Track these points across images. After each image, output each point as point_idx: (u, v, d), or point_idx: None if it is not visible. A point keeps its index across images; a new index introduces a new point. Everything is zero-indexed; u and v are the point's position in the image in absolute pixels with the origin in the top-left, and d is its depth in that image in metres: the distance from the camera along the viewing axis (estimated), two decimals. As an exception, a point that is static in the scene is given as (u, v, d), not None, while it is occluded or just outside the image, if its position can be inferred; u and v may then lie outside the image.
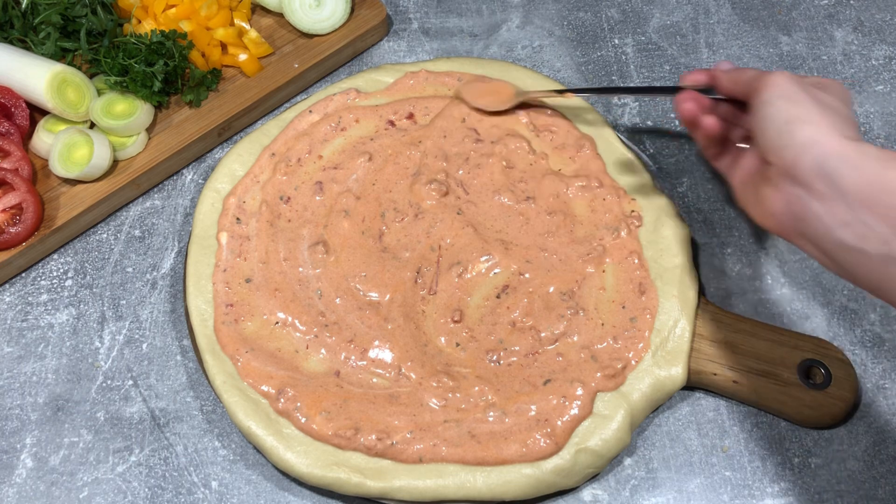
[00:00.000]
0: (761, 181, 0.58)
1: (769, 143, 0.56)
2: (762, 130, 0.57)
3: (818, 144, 0.52)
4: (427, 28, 0.94)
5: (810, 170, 0.52)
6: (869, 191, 0.49)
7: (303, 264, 0.74)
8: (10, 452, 0.70)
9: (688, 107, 0.66)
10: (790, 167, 0.53)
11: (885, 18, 0.93)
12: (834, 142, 0.52)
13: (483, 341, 0.71)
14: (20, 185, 0.76)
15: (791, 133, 0.54)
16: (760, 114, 0.57)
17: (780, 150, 0.54)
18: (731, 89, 0.64)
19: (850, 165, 0.50)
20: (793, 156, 0.53)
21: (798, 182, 0.53)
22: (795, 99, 0.55)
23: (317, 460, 0.66)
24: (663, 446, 0.70)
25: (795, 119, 0.54)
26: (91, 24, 0.84)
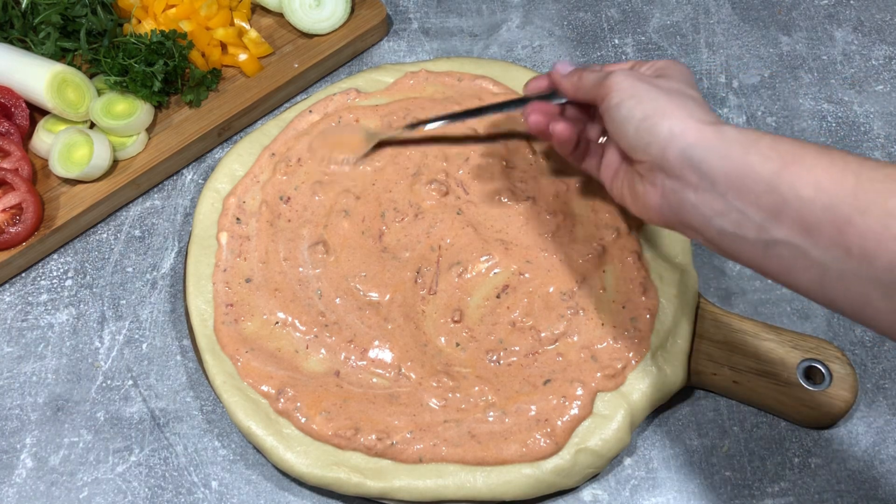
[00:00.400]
0: (633, 176, 0.58)
1: (631, 143, 0.56)
2: (620, 133, 0.56)
3: (680, 135, 0.52)
4: (427, 28, 0.94)
5: (678, 162, 0.52)
6: (736, 178, 0.49)
7: (303, 264, 0.74)
8: (10, 452, 0.70)
9: (533, 119, 0.66)
10: (658, 162, 0.54)
11: (885, 18, 0.93)
12: (694, 130, 0.52)
13: (483, 341, 0.71)
14: (20, 185, 0.76)
15: (650, 130, 0.54)
16: (613, 117, 0.57)
17: (643, 148, 0.54)
18: (574, 94, 0.63)
19: (715, 153, 0.50)
20: (658, 151, 0.53)
21: (670, 175, 0.53)
22: (642, 95, 0.55)
23: (317, 460, 0.66)
24: (663, 446, 0.70)
25: (650, 115, 0.54)
26: (91, 24, 0.84)
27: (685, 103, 0.54)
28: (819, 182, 0.46)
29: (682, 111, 0.53)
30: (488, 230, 0.75)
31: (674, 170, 0.53)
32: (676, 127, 0.52)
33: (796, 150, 0.48)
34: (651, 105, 0.54)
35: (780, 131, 0.85)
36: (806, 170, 0.47)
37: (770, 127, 0.86)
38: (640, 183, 0.57)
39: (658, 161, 0.54)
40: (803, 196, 0.46)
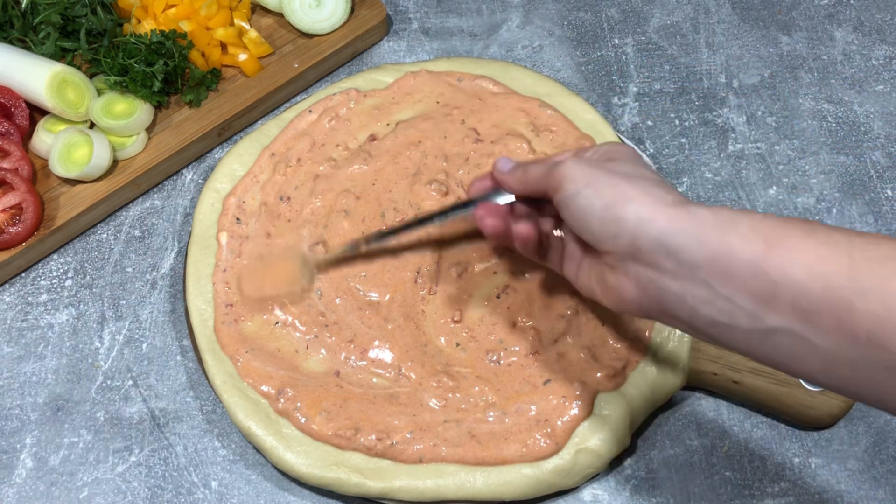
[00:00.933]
0: (601, 268, 0.54)
1: (596, 235, 0.51)
2: (582, 226, 0.52)
3: (649, 222, 0.48)
4: (427, 28, 0.94)
5: (652, 250, 0.48)
6: (718, 263, 0.45)
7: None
8: (10, 452, 0.70)
9: (490, 223, 0.61)
10: (629, 252, 0.49)
11: (885, 18, 0.93)
12: (663, 213, 0.48)
13: (483, 341, 0.71)
14: (20, 185, 0.76)
15: (615, 219, 0.49)
16: (571, 210, 0.52)
17: (611, 239, 0.50)
18: (523, 190, 0.59)
19: (691, 237, 0.47)
20: (628, 240, 0.49)
21: (644, 263, 0.49)
22: (598, 182, 0.51)
23: (317, 460, 0.66)
24: (663, 446, 0.70)
25: (611, 203, 0.50)
26: (91, 24, 0.84)
27: (646, 185, 0.50)
28: (810, 265, 0.42)
29: (645, 194, 0.49)
30: None
31: (647, 258, 0.48)
32: (643, 212, 0.48)
33: (778, 229, 0.45)
34: (610, 192, 0.50)
35: (781, 131, 0.85)
36: (793, 252, 0.43)
37: (770, 127, 0.86)
38: (612, 274, 0.52)
39: (628, 251, 0.49)
40: (796, 280, 0.42)
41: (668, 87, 0.88)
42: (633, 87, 0.89)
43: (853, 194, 0.82)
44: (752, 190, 0.82)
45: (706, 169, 0.83)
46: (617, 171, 0.52)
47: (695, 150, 0.85)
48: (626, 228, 0.49)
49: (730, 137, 0.85)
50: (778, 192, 0.82)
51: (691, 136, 0.85)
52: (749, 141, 0.85)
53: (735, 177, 0.83)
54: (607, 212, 0.50)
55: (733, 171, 0.83)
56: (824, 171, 0.83)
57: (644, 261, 0.49)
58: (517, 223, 0.61)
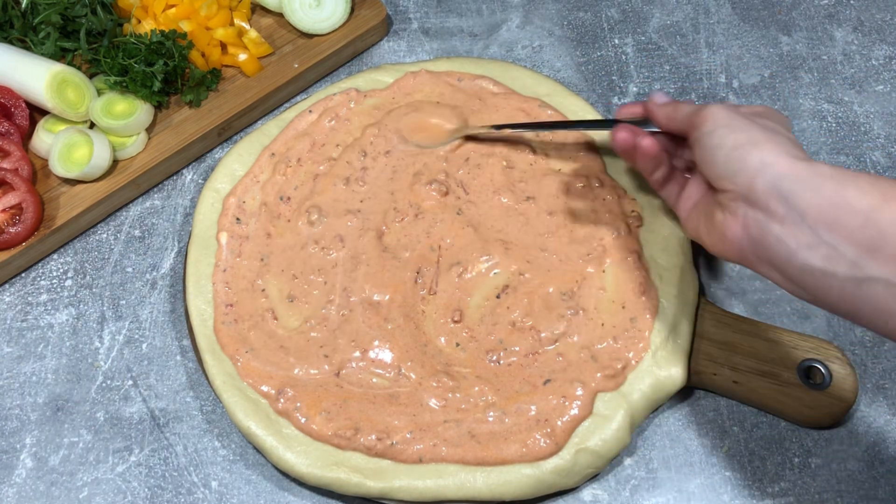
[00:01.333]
0: (713, 207, 0.57)
1: (719, 171, 0.55)
2: (709, 161, 0.55)
3: (771, 166, 0.51)
4: (427, 28, 0.94)
5: (766, 192, 0.51)
6: (830, 211, 0.48)
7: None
8: (10, 452, 0.70)
9: (622, 136, 0.65)
10: (745, 191, 0.52)
11: (885, 18, 0.93)
12: (786, 162, 0.51)
13: (483, 341, 0.71)
14: (20, 185, 0.76)
15: (741, 158, 0.53)
16: (704, 145, 0.56)
17: (731, 176, 0.53)
18: (667, 125, 0.63)
19: (807, 186, 0.49)
20: (746, 180, 0.52)
21: (755, 205, 0.52)
22: (737, 126, 0.55)
23: (317, 460, 0.66)
24: (663, 446, 0.70)
25: (742, 144, 0.53)
26: (91, 24, 0.84)
27: (779, 139, 0.53)
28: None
29: (774, 144, 0.52)
30: (488, 230, 0.75)
31: (760, 201, 0.51)
32: (767, 157, 0.51)
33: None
34: (744, 135, 0.54)
35: (780, 131, 0.85)
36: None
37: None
38: (721, 213, 0.55)
39: (744, 191, 0.52)
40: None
41: (668, 87, 0.88)
42: (633, 87, 0.89)
43: (853, 194, 0.82)
44: (752, 190, 0.82)
45: (706, 169, 0.83)
46: (757, 122, 0.55)
47: (695, 150, 0.85)
48: (747, 168, 0.52)
49: (730, 137, 0.85)
50: (778, 192, 0.82)
51: (691, 136, 0.85)
52: (749, 141, 0.85)
53: (735, 177, 0.83)
54: (734, 151, 0.53)
55: (733, 171, 0.83)
56: (824, 171, 0.83)
57: (756, 202, 0.51)
58: (644, 138, 0.64)
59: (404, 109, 0.81)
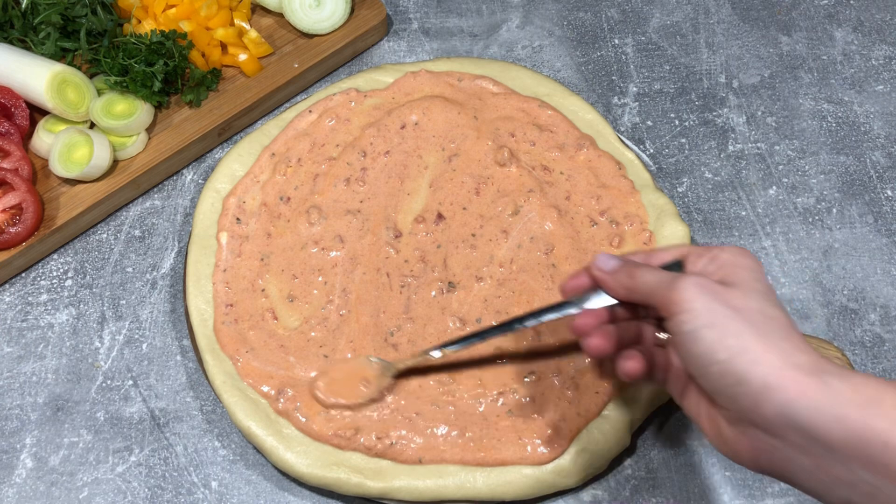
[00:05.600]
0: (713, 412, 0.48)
1: (713, 386, 0.46)
2: (699, 370, 0.46)
3: (777, 390, 0.42)
4: (427, 28, 0.94)
5: (778, 421, 0.43)
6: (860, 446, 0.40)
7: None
8: (10, 452, 0.70)
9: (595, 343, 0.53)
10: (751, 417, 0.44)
11: (885, 18, 0.93)
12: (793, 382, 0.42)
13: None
14: (20, 185, 0.76)
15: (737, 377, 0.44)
16: (687, 348, 0.46)
17: (730, 397, 0.45)
18: (628, 297, 0.52)
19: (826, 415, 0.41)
20: (749, 404, 0.44)
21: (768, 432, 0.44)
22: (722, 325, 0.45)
23: (317, 460, 0.66)
24: (663, 446, 0.70)
25: (734, 355, 0.44)
26: (91, 24, 0.84)
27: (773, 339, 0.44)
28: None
29: (773, 352, 0.44)
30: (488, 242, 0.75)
31: (772, 428, 0.43)
32: (771, 377, 0.43)
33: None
34: (735, 342, 0.44)
35: (781, 131, 0.85)
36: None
37: (770, 127, 0.86)
38: (727, 427, 0.47)
39: (749, 415, 0.44)
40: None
41: (668, 87, 0.88)
42: (633, 87, 0.89)
43: (853, 194, 0.82)
44: (752, 190, 0.82)
45: (706, 169, 0.83)
46: (743, 308, 0.46)
47: (695, 150, 0.85)
48: (749, 391, 0.43)
49: (730, 137, 0.85)
50: (778, 192, 0.82)
51: (691, 136, 0.85)
52: (749, 141, 0.85)
53: (735, 177, 0.83)
54: (728, 365, 0.44)
55: (733, 171, 0.83)
56: (824, 171, 0.83)
57: (767, 429, 0.44)
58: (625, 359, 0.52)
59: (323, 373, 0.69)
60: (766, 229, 0.80)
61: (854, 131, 0.85)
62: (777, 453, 0.44)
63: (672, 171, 0.83)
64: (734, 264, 0.49)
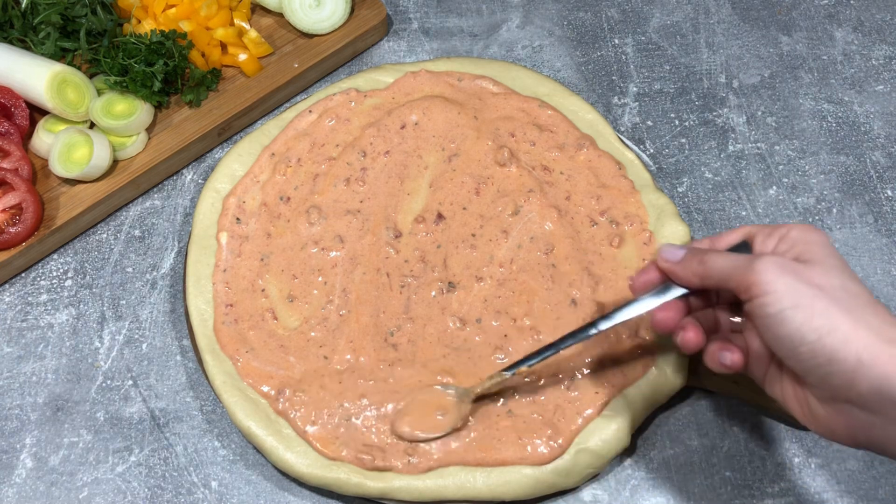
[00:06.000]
0: (805, 393, 0.48)
1: (804, 365, 0.46)
2: (787, 351, 0.46)
3: (871, 366, 0.43)
4: (427, 28, 0.94)
5: (873, 398, 0.43)
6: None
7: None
8: (10, 452, 0.70)
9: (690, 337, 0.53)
10: (846, 394, 0.44)
11: (885, 18, 0.93)
12: (885, 357, 0.42)
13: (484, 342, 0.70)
14: (20, 185, 0.76)
15: (828, 356, 0.44)
16: (772, 330, 0.46)
17: (822, 377, 0.45)
18: (702, 284, 0.52)
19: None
20: (843, 382, 0.44)
21: (863, 408, 0.44)
22: (807, 305, 0.45)
23: (317, 460, 0.66)
24: (663, 446, 0.70)
25: (824, 334, 0.44)
26: (91, 24, 0.84)
27: (860, 313, 0.44)
28: None
29: (862, 328, 0.44)
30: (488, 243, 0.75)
31: (869, 405, 0.44)
32: (865, 354, 0.43)
33: None
34: (823, 322, 0.44)
35: (781, 131, 0.85)
36: None
37: (770, 127, 0.86)
38: (819, 406, 0.47)
39: (843, 394, 0.45)
40: None
41: (668, 87, 0.88)
42: (633, 87, 0.89)
43: (853, 194, 0.82)
44: (752, 190, 0.82)
45: (706, 169, 0.83)
46: (824, 285, 0.46)
47: (695, 150, 0.85)
48: (842, 370, 0.44)
49: (730, 137, 0.85)
50: (778, 192, 0.82)
51: (691, 136, 0.85)
52: (749, 141, 0.85)
53: (735, 177, 0.83)
54: (818, 345, 0.44)
55: (733, 171, 0.83)
56: (824, 171, 0.83)
57: (863, 406, 0.44)
58: (687, 330, 0.53)
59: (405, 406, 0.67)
60: (766, 229, 0.80)
61: (854, 131, 0.85)
62: (875, 429, 0.44)
63: (672, 171, 0.83)
64: (806, 241, 0.49)
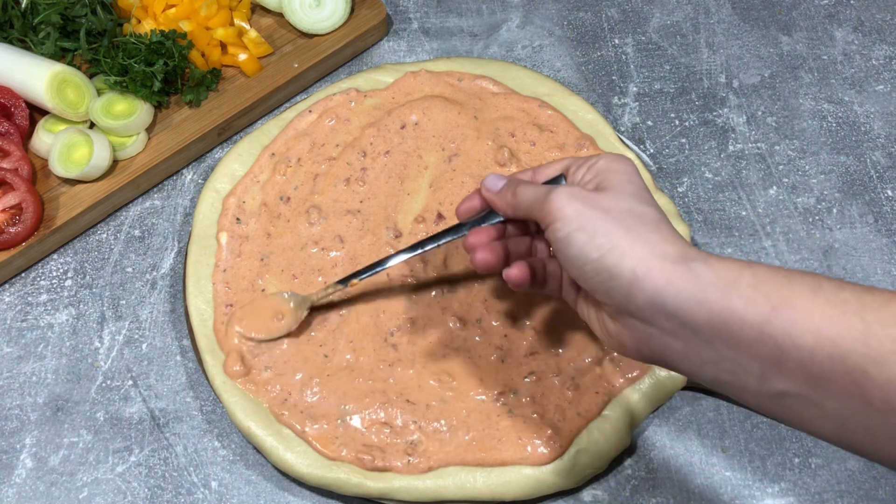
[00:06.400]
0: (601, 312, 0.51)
1: (590, 284, 0.49)
2: (575, 272, 0.49)
3: (644, 279, 0.45)
4: (427, 28, 0.94)
5: (648, 310, 0.46)
6: (721, 326, 0.43)
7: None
8: (9, 452, 0.70)
9: (481, 257, 0.56)
10: (626, 308, 0.47)
11: (885, 18, 0.93)
12: (660, 270, 0.45)
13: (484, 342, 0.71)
14: (20, 185, 0.76)
15: (608, 272, 0.47)
16: (563, 252, 0.49)
17: (605, 292, 0.48)
18: (514, 214, 0.55)
19: (691, 299, 0.44)
20: (622, 296, 0.47)
21: (642, 320, 0.47)
22: (592, 227, 0.48)
23: (317, 460, 0.66)
24: (663, 446, 0.70)
25: (605, 253, 0.47)
26: (91, 23, 0.84)
27: (641, 231, 0.47)
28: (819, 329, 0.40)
29: (640, 245, 0.46)
30: None
31: (645, 317, 0.46)
32: (639, 268, 0.46)
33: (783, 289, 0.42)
34: (605, 240, 0.47)
35: (781, 131, 0.85)
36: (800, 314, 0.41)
37: (770, 127, 0.86)
38: (609, 322, 0.50)
39: (625, 307, 0.47)
40: (803, 345, 0.40)
41: (668, 87, 0.88)
42: (633, 87, 0.89)
43: (853, 194, 0.82)
44: (752, 190, 0.82)
45: (706, 169, 0.83)
46: (612, 208, 0.49)
47: (695, 150, 0.85)
48: (620, 284, 0.46)
49: (730, 137, 0.85)
50: (778, 192, 0.82)
51: (691, 136, 0.85)
52: (749, 141, 0.85)
53: (735, 177, 0.83)
54: (600, 262, 0.47)
55: (733, 171, 0.83)
56: (824, 171, 0.83)
57: (641, 318, 0.47)
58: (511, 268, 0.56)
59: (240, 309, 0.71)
60: (767, 229, 0.80)
61: (854, 131, 0.85)
62: (654, 340, 0.47)
63: (672, 171, 0.83)
64: (608, 170, 0.52)
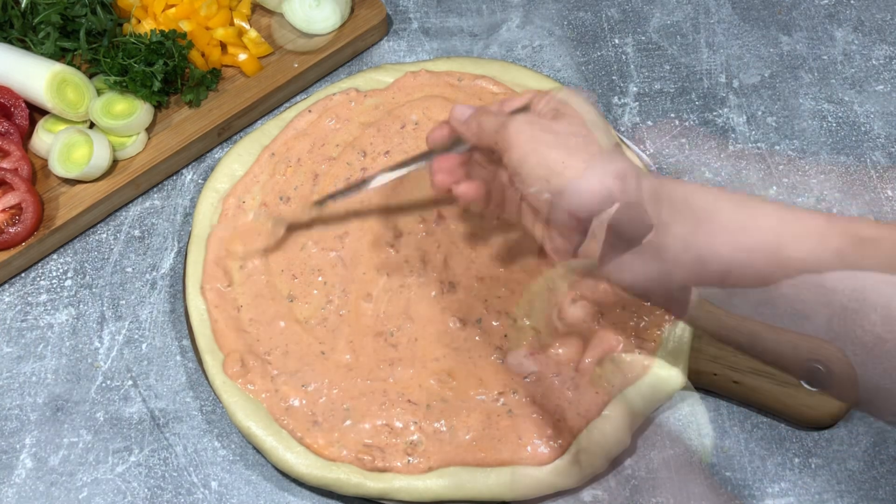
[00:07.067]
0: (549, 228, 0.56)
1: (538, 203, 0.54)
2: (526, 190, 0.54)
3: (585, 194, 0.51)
4: (427, 28, 0.94)
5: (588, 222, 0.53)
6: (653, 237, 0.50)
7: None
8: (9, 452, 0.70)
9: (438, 178, 0.61)
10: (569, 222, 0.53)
11: (885, 18, 0.93)
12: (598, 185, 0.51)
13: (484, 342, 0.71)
14: (20, 185, 0.76)
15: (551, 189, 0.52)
16: (518, 174, 0.54)
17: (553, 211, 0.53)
18: (478, 142, 0.59)
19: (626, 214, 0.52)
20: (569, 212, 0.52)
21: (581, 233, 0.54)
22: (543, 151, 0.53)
23: (316, 460, 0.66)
24: (663, 446, 0.70)
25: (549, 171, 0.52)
26: (91, 23, 0.84)
27: (577, 150, 0.52)
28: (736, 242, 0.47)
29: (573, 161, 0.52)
30: None
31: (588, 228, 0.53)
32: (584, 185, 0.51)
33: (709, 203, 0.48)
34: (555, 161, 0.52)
35: (781, 131, 0.85)
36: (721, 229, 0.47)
37: (770, 127, 0.86)
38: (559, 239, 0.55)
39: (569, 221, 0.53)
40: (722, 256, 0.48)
41: (668, 87, 0.88)
42: (633, 87, 0.89)
43: (853, 194, 0.82)
44: (752, 190, 0.82)
45: (706, 169, 0.83)
46: (560, 132, 0.54)
47: (695, 150, 0.85)
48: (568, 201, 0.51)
49: (730, 137, 0.85)
50: (778, 192, 0.82)
51: (691, 136, 0.85)
52: (749, 141, 0.85)
53: (735, 177, 0.83)
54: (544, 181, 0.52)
55: (733, 171, 0.83)
56: (824, 171, 0.83)
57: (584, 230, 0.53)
58: (460, 183, 0.60)
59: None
60: (767, 229, 0.80)
61: (854, 131, 0.85)
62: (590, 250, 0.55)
63: (672, 171, 0.83)
64: (565, 101, 0.56)
